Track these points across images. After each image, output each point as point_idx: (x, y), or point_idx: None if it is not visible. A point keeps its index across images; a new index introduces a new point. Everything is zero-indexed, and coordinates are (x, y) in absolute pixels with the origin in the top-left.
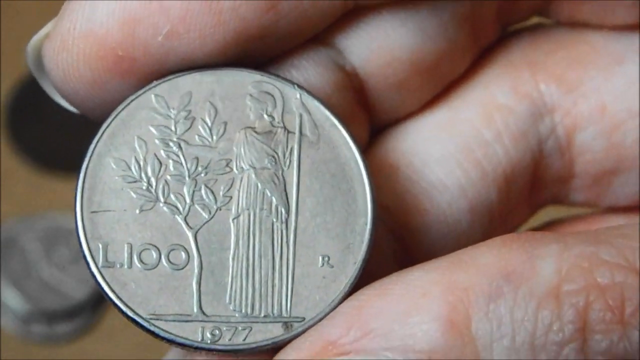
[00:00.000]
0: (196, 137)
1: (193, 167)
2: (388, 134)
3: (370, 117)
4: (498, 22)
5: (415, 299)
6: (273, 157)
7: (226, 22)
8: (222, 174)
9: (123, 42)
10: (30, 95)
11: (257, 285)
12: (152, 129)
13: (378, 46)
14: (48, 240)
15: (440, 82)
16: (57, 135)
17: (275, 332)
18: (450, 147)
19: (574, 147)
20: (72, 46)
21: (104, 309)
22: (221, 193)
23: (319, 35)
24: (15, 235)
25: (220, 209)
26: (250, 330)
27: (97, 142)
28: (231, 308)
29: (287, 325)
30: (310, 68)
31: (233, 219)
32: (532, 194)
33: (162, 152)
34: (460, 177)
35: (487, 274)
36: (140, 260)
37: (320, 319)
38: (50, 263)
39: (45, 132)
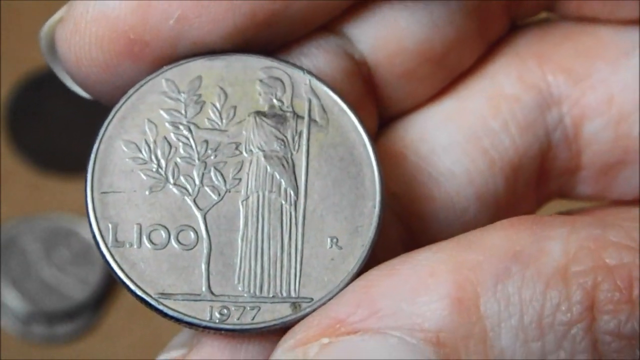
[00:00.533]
0: (206, 120)
1: (203, 150)
2: (396, 123)
3: (379, 106)
4: (506, 17)
5: (423, 279)
6: (282, 140)
7: (237, 7)
8: (231, 157)
9: (135, 26)
10: (31, 96)
11: (265, 266)
12: (162, 112)
13: (387, 35)
14: (48, 240)
15: (448, 73)
16: (57, 136)
17: (283, 312)
18: (458, 136)
19: (581, 138)
20: (84, 29)
21: (104, 310)
22: (230, 175)
23: (329, 23)
24: (15, 236)
25: (230, 191)
26: (259, 310)
27: (108, 124)
28: (239, 288)
29: (295, 305)
30: (319, 55)
31: (242, 201)
32: (539, 185)
33: (172, 135)
34: (467, 165)
35: (495, 254)
36: (150, 241)
37: (329, 300)
38: (50, 264)
39: (46, 133)
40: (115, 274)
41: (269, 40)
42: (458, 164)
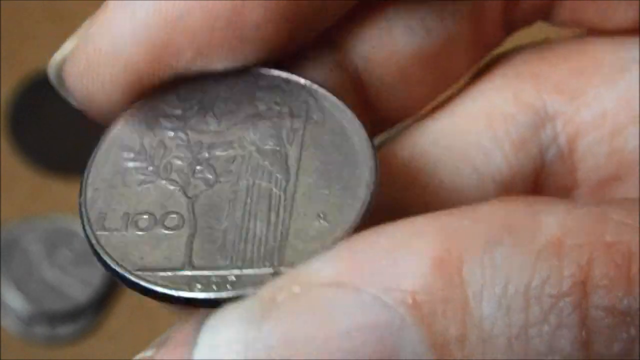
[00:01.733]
0: (204, 125)
1: (197, 149)
2: (392, 140)
3: (373, 116)
4: (503, 23)
5: (407, 237)
6: (277, 137)
7: (249, 40)
8: (224, 152)
9: (149, 68)
10: (32, 97)
11: (250, 241)
12: (161, 119)
13: (380, 45)
14: (50, 241)
15: (443, 78)
16: (59, 138)
17: (265, 281)
18: (448, 153)
19: (576, 154)
20: (97, 70)
21: (106, 311)
22: (221, 168)
23: (322, 36)
24: (17, 237)
25: (220, 182)
26: (240, 279)
27: (109, 131)
28: (222, 262)
29: (276, 272)
30: (312, 69)
31: (232, 188)
32: None
33: (168, 138)
34: (457, 184)
35: (487, 223)
36: (136, 226)
37: None
38: (52, 265)
39: (47, 135)
40: (96, 253)
41: (273, 59)
42: (447, 182)
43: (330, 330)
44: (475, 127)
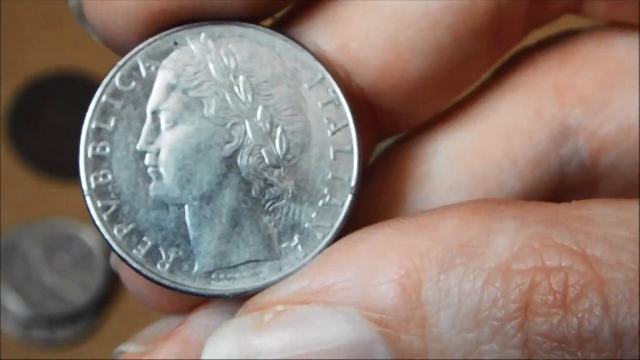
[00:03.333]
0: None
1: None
2: (404, 150)
3: (379, 128)
4: (527, 23)
5: (375, 261)
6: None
7: None
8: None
9: (161, 1)
10: (31, 101)
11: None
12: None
13: (390, 66)
14: (49, 246)
15: (453, 93)
16: (58, 141)
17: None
18: (465, 176)
19: (599, 168)
20: (111, 2)
21: (105, 314)
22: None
23: (329, 57)
24: (16, 242)
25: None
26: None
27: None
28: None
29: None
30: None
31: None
32: None
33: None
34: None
35: (443, 242)
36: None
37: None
38: (51, 269)
39: (47, 138)
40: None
41: (280, 5)
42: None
43: (310, 344)
44: (493, 148)
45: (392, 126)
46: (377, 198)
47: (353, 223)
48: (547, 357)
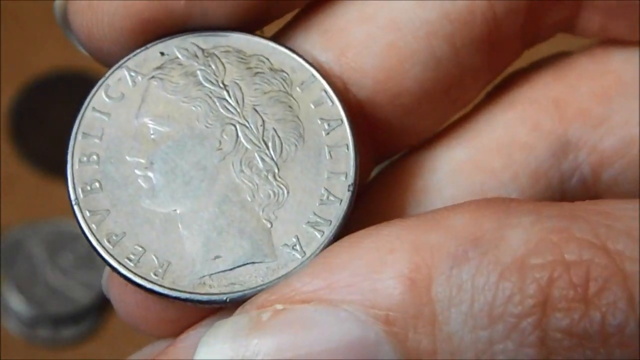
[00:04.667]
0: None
1: None
2: (402, 165)
3: (377, 147)
4: (522, 39)
5: (382, 255)
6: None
7: None
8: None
9: (147, 6)
10: (34, 100)
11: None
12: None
13: (388, 79)
14: (53, 245)
15: (453, 106)
16: (61, 140)
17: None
18: (464, 190)
19: (600, 183)
20: (97, 6)
21: (109, 313)
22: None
23: (326, 68)
24: (20, 240)
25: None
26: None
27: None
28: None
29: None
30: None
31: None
32: None
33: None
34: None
35: (455, 236)
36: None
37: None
38: (55, 268)
39: (49, 137)
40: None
41: (268, 16)
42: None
43: (312, 345)
44: (494, 161)
45: (391, 143)
46: (375, 213)
47: (351, 229)
48: (566, 354)
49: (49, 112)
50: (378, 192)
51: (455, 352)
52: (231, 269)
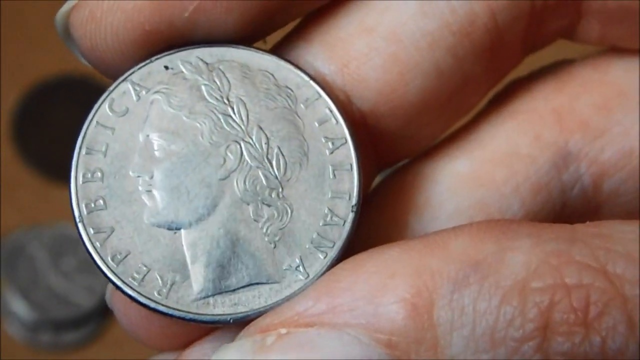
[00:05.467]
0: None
1: None
2: (404, 181)
3: (380, 156)
4: (522, 49)
5: (384, 279)
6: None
7: None
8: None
9: (151, 17)
10: (37, 104)
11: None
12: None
13: (390, 90)
14: (55, 249)
15: (455, 114)
16: (64, 144)
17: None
18: (466, 202)
19: (601, 194)
20: (100, 18)
21: (110, 318)
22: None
23: (328, 79)
24: (22, 245)
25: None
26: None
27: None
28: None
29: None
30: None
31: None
32: None
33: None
34: None
35: (456, 261)
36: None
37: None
38: (57, 272)
39: (52, 141)
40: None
41: (272, 26)
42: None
43: None
44: (494, 173)
45: (393, 153)
46: (378, 230)
47: (354, 247)
48: None
49: (51, 116)
50: (381, 206)
51: None
52: (234, 290)
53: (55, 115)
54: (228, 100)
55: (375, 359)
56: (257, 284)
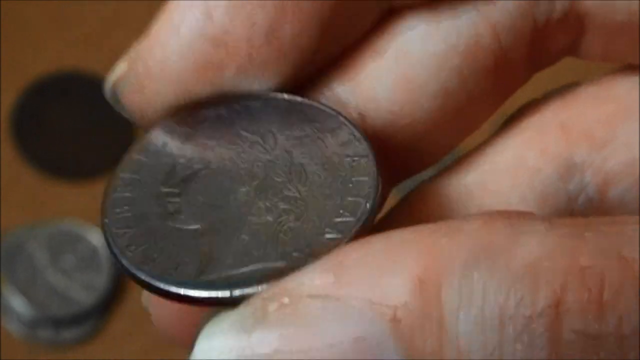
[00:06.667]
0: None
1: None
2: (417, 197)
3: (392, 172)
4: (528, 65)
5: (392, 255)
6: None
7: (286, 55)
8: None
9: (195, 84)
10: (35, 102)
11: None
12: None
13: (399, 110)
14: (54, 246)
15: (463, 131)
16: (63, 142)
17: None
18: (472, 213)
19: (606, 202)
20: (147, 88)
21: (110, 315)
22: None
23: (342, 98)
24: (21, 242)
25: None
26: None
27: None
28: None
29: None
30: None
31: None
32: None
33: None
34: None
35: (467, 241)
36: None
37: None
38: (56, 269)
39: (51, 139)
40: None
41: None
42: None
43: (316, 340)
44: (500, 184)
45: (404, 169)
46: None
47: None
48: (578, 356)
49: (50, 115)
50: (394, 220)
51: (463, 354)
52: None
53: (54, 114)
54: (259, 133)
55: (378, 333)
56: (264, 263)
